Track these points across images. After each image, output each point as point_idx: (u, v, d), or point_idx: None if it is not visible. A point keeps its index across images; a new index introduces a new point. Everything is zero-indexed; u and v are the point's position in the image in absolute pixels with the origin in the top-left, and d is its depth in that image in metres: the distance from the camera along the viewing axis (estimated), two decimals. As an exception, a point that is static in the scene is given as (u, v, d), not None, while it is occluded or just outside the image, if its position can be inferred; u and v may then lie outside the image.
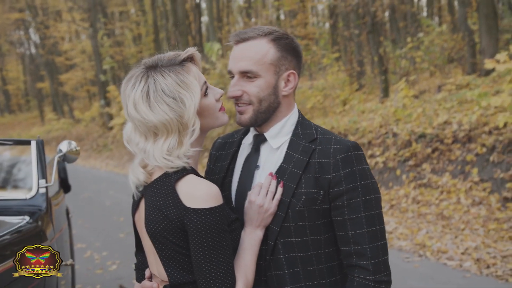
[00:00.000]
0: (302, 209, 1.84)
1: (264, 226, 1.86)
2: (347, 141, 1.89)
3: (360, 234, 1.81)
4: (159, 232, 1.74)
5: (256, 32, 1.92)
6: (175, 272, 1.77)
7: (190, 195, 1.71)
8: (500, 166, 8.14)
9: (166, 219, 1.72)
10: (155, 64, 1.79)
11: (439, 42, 16.07)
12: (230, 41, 1.98)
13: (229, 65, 1.95)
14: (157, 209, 1.75)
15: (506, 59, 7.94)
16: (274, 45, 1.90)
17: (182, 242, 1.73)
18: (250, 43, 1.90)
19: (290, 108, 1.99)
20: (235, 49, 1.93)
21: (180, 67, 1.78)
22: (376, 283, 1.80)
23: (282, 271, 1.87)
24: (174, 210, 1.71)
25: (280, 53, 1.91)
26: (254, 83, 1.89)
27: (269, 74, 1.89)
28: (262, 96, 1.90)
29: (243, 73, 1.89)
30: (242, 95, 1.90)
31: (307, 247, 1.87)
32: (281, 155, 1.94)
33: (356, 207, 1.82)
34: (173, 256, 1.76)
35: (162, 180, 1.78)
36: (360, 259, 1.81)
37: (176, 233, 1.72)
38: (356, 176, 1.83)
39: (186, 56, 1.81)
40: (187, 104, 1.73)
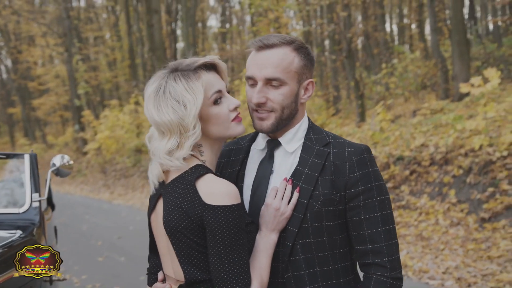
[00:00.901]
0: (320, 210, 1.89)
1: (279, 230, 1.90)
2: (360, 144, 1.97)
3: (377, 233, 1.88)
4: (178, 228, 1.77)
5: (279, 39, 1.95)
6: (191, 270, 1.79)
7: (210, 193, 1.75)
8: (477, 187, 8.32)
9: (185, 215, 1.76)
10: (176, 68, 1.86)
11: (412, 69, 16.46)
12: (249, 47, 2.01)
13: (250, 71, 1.96)
14: (176, 205, 1.78)
15: (481, 83, 8.20)
16: (297, 54, 1.95)
17: (199, 239, 1.76)
18: (275, 51, 1.92)
19: (303, 115, 2.05)
20: (259, 56, 1.94)
21: (193, 73, 1.83)
22: (393, 280, 1.86)
23: (301, 271, 1.90)
24: (193, 206, 1.75)
25: (303, 62, 1.96)
26: (279, 90, 1.92)
27: (293, 82, 1.94)
28: (286, 104, 1.94)
29: (269, 80, 1.92)
30: (266, 102, 1.93)
31: (324, 247, 1.92)
32: (296, 159, 1.99)
33: (371, 207, 1.88)
34: (190, 253, 1.78)
35: (182, 179, 1.82)
36: (376, 257, 1.87)
37: (194, 230, 1.76)
38: (371, 177, 1.90)
39: (200, 63, 1.86)
40: (188, 108, 1.79)
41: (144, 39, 27.41)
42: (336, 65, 17.66)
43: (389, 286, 1.86)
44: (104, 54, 34.90)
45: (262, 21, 17.16)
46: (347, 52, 14.98)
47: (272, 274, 1.89)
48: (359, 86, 15.00)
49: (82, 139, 29.10)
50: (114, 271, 7.90)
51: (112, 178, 22.29)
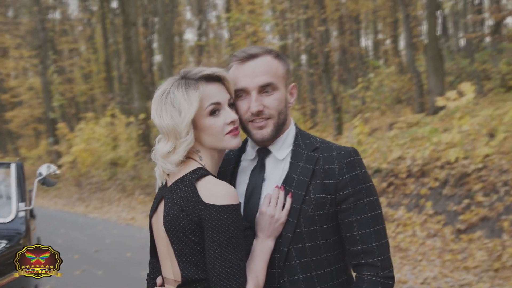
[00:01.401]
0: (313, 214, 1.92)
1: (275, 236, 1.93)
2: (347, 147, 2.01)
3: (367, 234, 1.91)
4: (177, 227, 1.82)
5: (260, 49, 2.02)
6: (188, 269, 1.83)
7: (210, 193, 1.80)
8: (453, 199, 8.47)
9: (184, 214, 1.80)
10: (184, 75, 1.93)
11: (388, 83, 16.73)
12: (231, 61, 2.05)
13: (241, 83, 1.99)
14: (176, 205, 1.83)
15: (456, 97, 8.39)
16: (279, 60, 2.03)
17: (198, 238, 1.81)
18: (260, 59, 1.99)
19: (290, 121, 2.10)
20: (246, 67, 1.99)
21: (194, 82, 1.89)
22: (384, 279, 1.89)
23: (296, 276, 1.93)
24: (193, 206, 1.80)
25: (285, 68, 2.04)
26: (272, 96, 1.97)
27: (282, 86, 2.01)
28: (280, 109, 1.99)
29: (262, 87, 1.96)
30: (263, 110, 1.96)
31: (319, 251, 1.94)
32: (286, 166, 2.02)
33: (362, 208, 1.92)
34: (188, 252, 1.82)
35: (183, 180, 1.88)
36: (368, 257, 1.91)
37: (193, 229, 1.80)
38: (360, 179, 1.94)
39: (202, 74, 1.92)
40: (182, 115, 1.85)
41: (121, 51, 27.30)
42: (313, 79, 17.85)
43: (381, 285, 1.89)
44: (79, 67, 34.60)
45: (240, 35, 17.27)
46: (324, 66, 15.16)
47: (268, 280, 1.91)
48: (336, 100, 15.19)
49: (56, 152, 28.69)
50: (92, 285, 7.80)
51: (87, 192, 21.99)
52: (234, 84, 2.00)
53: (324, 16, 14.53)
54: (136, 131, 19.57)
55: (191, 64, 39.88)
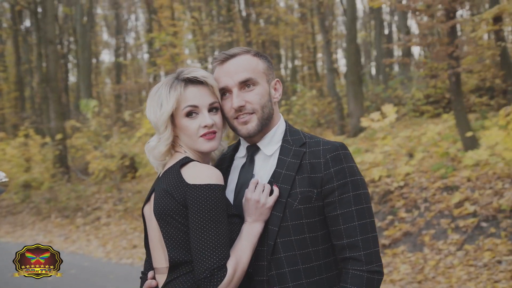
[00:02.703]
0: (299, 208, 1.96)
1: (263, 220, 1.97)
2: (335, 142, 2.07)
3: (352, 227, 1.94)
4: (166, 212, 1.89)
5: (239, 49, 2.12)
6: (175, 252, 1.88)
7: (193, 175, 1.89)
8: (377, 215, 8.84)
9: (171, 198, 1.88)
10: (176, 76, 2.03)
11: (309, 106, 17.24)
12: (214, 63, 2.13)
13: (222, 82, 2.06)
14: (164, 191, 1.91)
15: (380, 118, 8.85)
16: (258, 58, 2.11)
17: (184, 219, 1.88)
18: (239, 58, 2.07)
19: (278, 117, 2.17)
20: (226, 66, 2.07)
21: (177, 83, 1.99)
22: (369, 273, 1.91)
23: (283, 269, 1.96)
24: (178, 189, 1.88)
25: (266, 64, 2.13)
26: (253, 91, 2.04)
27: (263, 81, 2.08)
28: (263, 103, 2.06)
29: (243, 83, 2.03)
30: (245, 105, 2.03)
31: (306, 244, 1.98)
32: (274, 161, 2.08)
33: (347, 202, 1.96)
34: (175, 234, 1.88)
35: (170, 169, 1.98)
36: (353, 251, 1.93)
37: (179, 210, 1.87)
38: (345, 172, 1.98)
39: (186, 77, 2.01)
40: (160, 112, 1.97)
41: (34, 70, 26.28)
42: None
43: (366, 280, 1.90)
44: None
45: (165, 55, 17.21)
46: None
47: (256, 272, 1.95)
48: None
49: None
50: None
51: (-4, 216, 20.72)
52: (218, 83, 2.07)
53: (249, 39, 14.83)
54: (53, 152, 18.79)
55: (108, 85, 39.06)
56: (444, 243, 7.68)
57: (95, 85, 33.24)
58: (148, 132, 14.25)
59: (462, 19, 9.84)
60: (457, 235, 7.66)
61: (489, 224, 7.53)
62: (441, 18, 9.45)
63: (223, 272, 1.81)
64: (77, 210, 15.38)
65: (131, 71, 38.39)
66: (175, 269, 1.91)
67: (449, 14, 9.23)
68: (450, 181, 8.56)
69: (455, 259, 7.28)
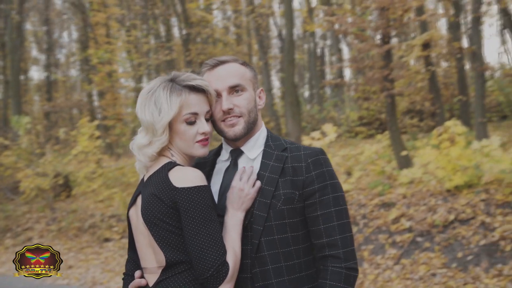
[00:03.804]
0: (282, 209, 2.08)
1: (244, 209, 2.07)
2: (315, 148, 2.22)
3: (331, 227, 2.07)
4: (155, 215, 1.94)
5: (229, 57, 2.23)
6: (170, 252, 1.94)
7: (180, 178, 1.95)
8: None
9: (160, 202, 1.93)
10: (172, 79, 2.07)
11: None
12: (204, 68, 2.23)
13: (213, 86, 2.17)
14: (152, 195, 1.96)
15: (320, 137, 9.13)
16: (245, 67, 2.24)
17: (175, 222, 1.94)
18: (229, 65, 2.19)
19: (261, 123, 2.30)
20: (216, 71, 2.19)
21: (179, 89, 2.04)
22: (347, 270, 2.05)
23: (267, 266, 2.06)
24: (167, 192, 1.93)
25: (252, 73, 2.26)
26: (242, 96, 2.16)
27: (250, 88, 2.21)
28: (250, 108, 2.18)
29: (232, 88, 2.15)
30: (234, 108, 2.14)
31: (288, 243, 2.09)
32: (257, 165, 2.19)
33: (326, 203, 2.09)
34: (168, 237, 1.94)
35: (157, 173, 2.02)
36: (332, 249, 2.06)
37: (169, 213, 1.93)
38: (325, 176, 2.12)
39: (189, 84, 2.07)
40: (161, 116, 2.01)
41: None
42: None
43: (344, 276, 2.03)
44: None
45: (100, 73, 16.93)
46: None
47: (240, 270, 2.03)
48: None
49: None
50: None
51: None
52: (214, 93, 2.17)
53: (189, 58, 14.91)
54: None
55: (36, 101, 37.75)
56: (382, 257, 7.97)
57: (25, 102, 32.06)
58: (84, 149, 13.93)
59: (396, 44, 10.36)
60: (394, 250, 7.97)
61: (424, 239, 7.90)
62: (377, 43, 9.91)
63: (226, 267, 1.90)
64: (6, 230, 14.70)
65: (63, 88, 37.31)
66: (169, 268, 1.96)
67: (384, 39, 9.70)
68: (387, 198, 8.92)
69: (392, 273, 7.56)
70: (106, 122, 20.25)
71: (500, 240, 7.09)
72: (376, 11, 9.63)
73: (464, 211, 7.84)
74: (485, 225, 7.48)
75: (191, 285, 1.94)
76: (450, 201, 8.21)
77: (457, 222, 7.78)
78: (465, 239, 7.47)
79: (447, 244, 7.55)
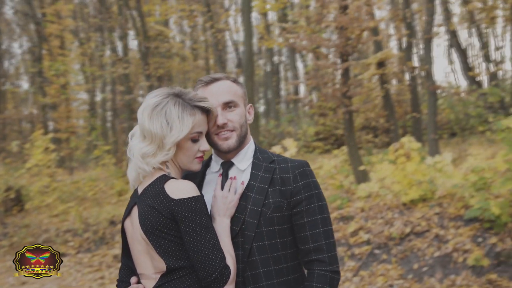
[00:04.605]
0: (272, 216, 2.22)
1: (229, 215, 2.20)
2: (300, 160, 2.39)
3: (317, 233, 2.23)
4: (154, 226, 2.04)
5: (220, 76, 2.37)
6: (171, 259, 2.04)
7: (175, 190, 2.05)
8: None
9: (158, 214, 2.03)
10: (179, 95, 2.17)
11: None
12: (198, 84, 2.36)
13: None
14: (150, 207, 2.05)
15: (281, 151, 9.32)
16: (236, 84, 2.38)
17: (174, 231, 2.04)
18: (222, 82, 2.33)
19: (249, 137, 2.44)
20: (210, 88, 2.32)
21: (191, 108, 2.15)
22: (332, 273, 2.21)
23: (258, 270, 2.19)
24: (164, 204, 2.03)
25: (243, 90, 2.40)
26: (234, 112, 2.30)
27: (242, 104, 2.35)
28: (242, 122, 2.32)
29: (226, 104, 2.29)
30: (227, 123, 2.28)
31: (277, 248, 2.23)
32: (247, 175, 2.33)
33: (312, 211, 2.26)
34: (168, 246, 2.04)
35: (153, 186, 2.11)
36: (318, 254, 2.22)
37: (168, 224, 2.03)
38: (311, 186, 2.29)
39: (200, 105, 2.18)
40: (172, 133, 2.11)
41: None
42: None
43: (329, 279, 2.19)
44: None
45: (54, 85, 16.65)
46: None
47: None
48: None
49: None
50: None
51: None
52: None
53: (148, 72, 14.88)
54: None
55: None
56: (342, 270, 8.16)
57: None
58: (38, 163, 13.64)
59: (354, 62, 10.70)
60: (353, 262, 8.17)
61: (381, 251, 8.13)
62: (335, 61, 10.21)
63: (228, 269, 2.03)
64: (-48, 247, 14.16)
65: (12, 100, 36.31)
66: (169, 274, 2.05)
67: (343, 57, 10.01)
68: (346, 212, 9.15)
69: (351, 284, 7.75)
70: (60, 135, 19.87)
71: (453, 251, 7.39)
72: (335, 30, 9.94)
73: (419, 224, 8.14)
74: (439, 238, 7.78)
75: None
76: (406, 214, 8.51)
77: (412, 235, 8.06)
78: (420, 251, 7.74)
79: (403, 256, 7.80)
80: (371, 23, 9.85)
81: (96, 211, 13.28)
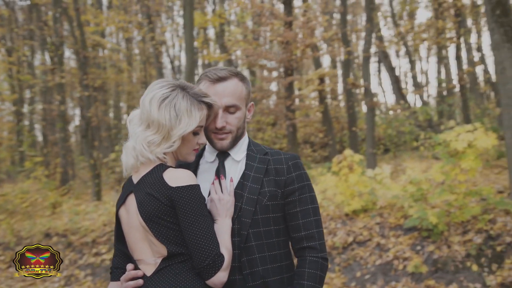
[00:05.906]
0: (267, 204, 2.32)
1: (230, 215, 2.27)
2: (292, 153, 2.49)
3: (309, 222, 2.35)
4: (154, 214, 2.08)
5: (228, 72, 2.39)
6: (171, 245, 2.09)
7: (174, 178, 2.11)
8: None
9: (157, 201, 2.07)
10: (185, 88, 2.21)
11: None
12: (203, 78, 2.39)
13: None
14: (149, 195, 2.10)
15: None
16: (243, 83, 2.42)
17: (173, 218, 2.09)
18: (228, 83, 2.36)
19: (245, 132, 2.51)
20: (215, 87, 2.35)
21: (198, 103, 2.20)
22: (322, 260, 2.32)
23: (254, 255, 2.28)
24: (163, 192, 2.08)
25: (247, 90, 2.46)
26: (234, 115, 2.37)
27: (243, 106, 2.42)
28: (239, 125, 2.40)
29: (228, 107, 2.34)
30: (226, 126, 2.35)
31: (271, 235, 2.33)
32: (243, 166, 2.41)
33: (305, 201, 2.37)
34: (167, 233, 2.09)
35: (151, 174, 2.15)
36: (310, 241, 2.33)
37: (167, 211, 2.08)
38: (303, 177, 2.41)
39: (206, 101, 2.23)
40: (181, 125, 2.16)
41: None
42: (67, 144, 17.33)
43: (320, 265, 2.30)
44: None
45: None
46: (85, 131, 14.98)
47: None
48: (96, 166, 15.03)
49: None
50: None
51: None
52: None
53: (86, 82, 14.55)
54: None
55: None
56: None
57: None
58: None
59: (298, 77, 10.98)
60: (295, 271, 8.30)
61: (325, 260, 8.32)
62: (281, 75, 10.44)
63: (222, 257, 2.08)
64: None
65: None
66: (170, 258, 2.10)
67: (287, 71, 10.25)
68: (290, 222, 9.29)
69: (296, 293, 7.87)
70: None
71: (393, 259, 7.67)
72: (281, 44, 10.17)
73: (362, 233, 8.41)
74: (380, 246, 8.06)
75: (190, 273, 2.09)
76: (348, 224, 8.76)
77: (355, 244, 8.31)
78: (362, 260, 7.98)
79: (346, 264, 8.02)
80: (314, 39, 10.15)
81: (29, 223, 12.76)
